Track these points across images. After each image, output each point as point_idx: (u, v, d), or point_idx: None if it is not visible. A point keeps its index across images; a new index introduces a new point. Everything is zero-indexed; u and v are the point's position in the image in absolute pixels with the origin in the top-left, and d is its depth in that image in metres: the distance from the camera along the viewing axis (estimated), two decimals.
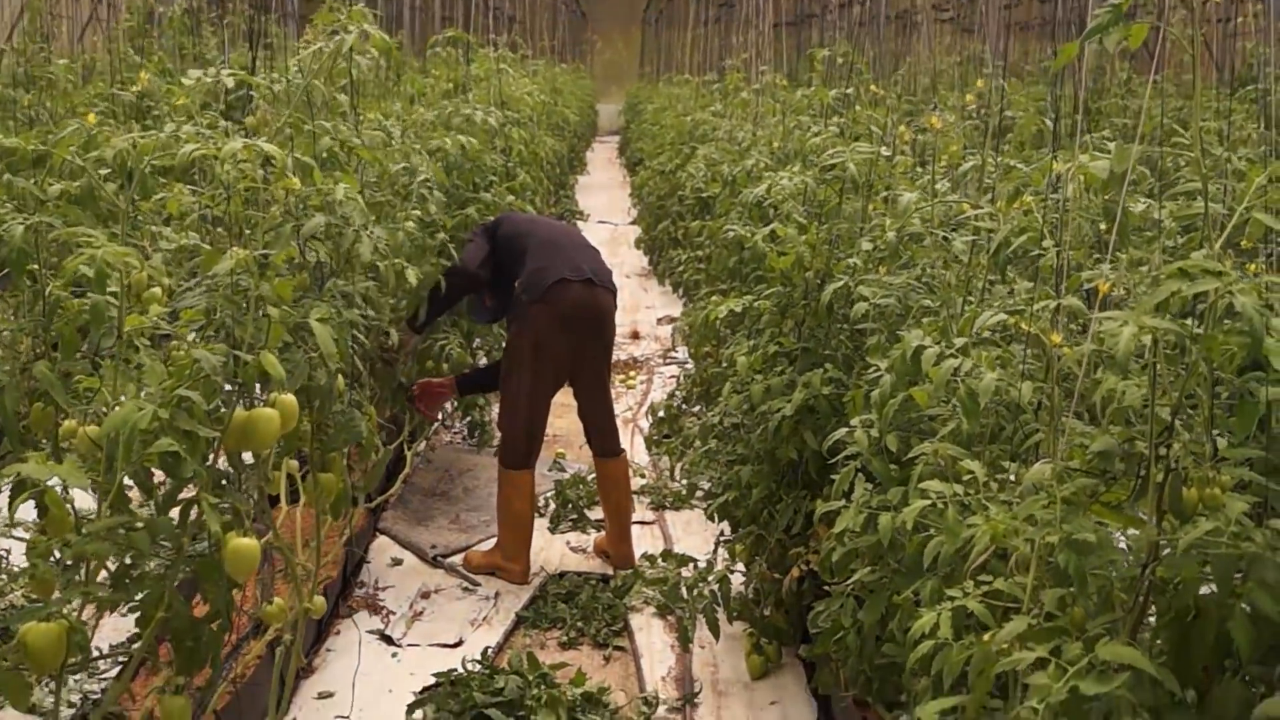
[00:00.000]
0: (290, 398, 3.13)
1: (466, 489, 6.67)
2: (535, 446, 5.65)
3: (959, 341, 3.05)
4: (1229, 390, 2.50)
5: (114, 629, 3.94)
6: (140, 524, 2.81)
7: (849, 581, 3.51)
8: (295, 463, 3.95)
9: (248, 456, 3.30)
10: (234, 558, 2.89)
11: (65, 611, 2.67)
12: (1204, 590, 2.20)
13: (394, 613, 5.23)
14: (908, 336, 3.19)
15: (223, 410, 3.04)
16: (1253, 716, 2.00)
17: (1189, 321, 2.24)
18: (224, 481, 3.10)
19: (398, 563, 5.74)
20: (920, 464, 3.06)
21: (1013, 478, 2.89)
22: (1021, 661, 2.13)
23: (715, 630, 4.66)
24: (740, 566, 4.82)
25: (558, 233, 5.93)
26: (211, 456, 3.06)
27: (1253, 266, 2.57)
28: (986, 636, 2.28)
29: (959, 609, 2.52)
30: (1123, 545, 2.44)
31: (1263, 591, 2.03)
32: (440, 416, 6.99)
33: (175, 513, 2.96)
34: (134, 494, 2.91)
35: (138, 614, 2.90)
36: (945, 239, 3.87)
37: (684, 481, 6.36)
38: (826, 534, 3.70)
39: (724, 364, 5.14)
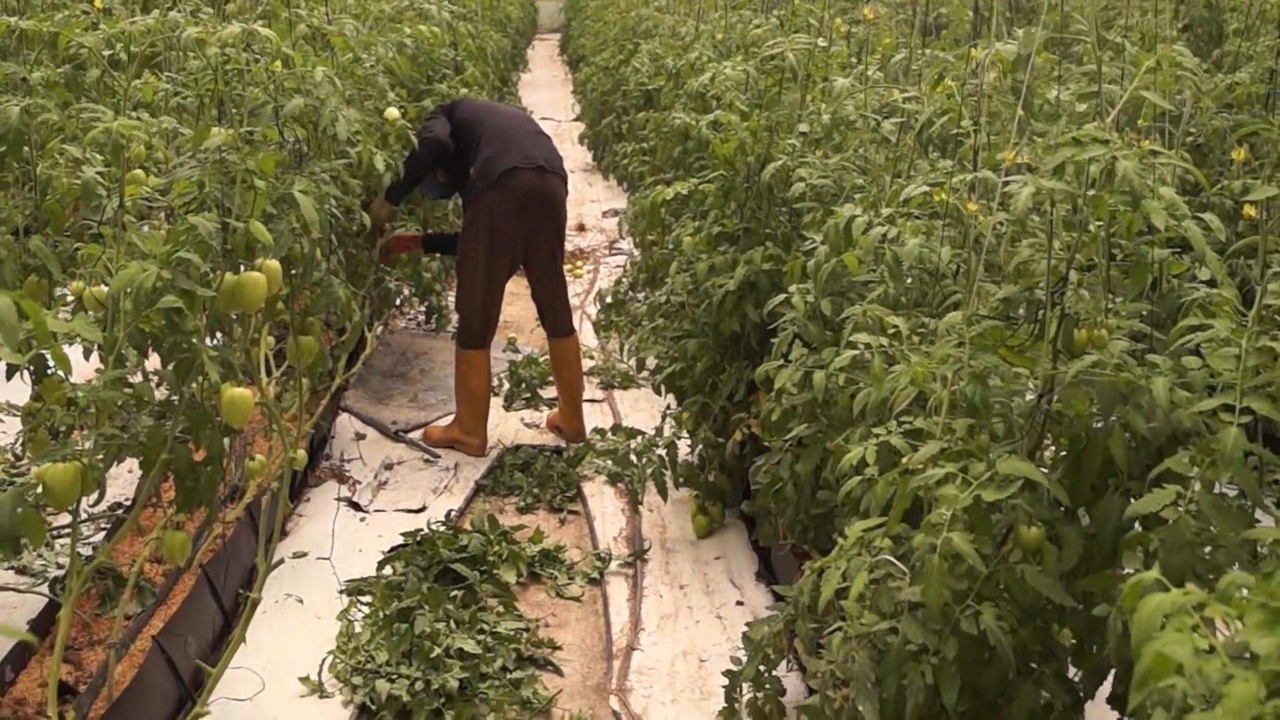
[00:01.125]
0: (275, 263, 3.40)
1: (423, 370, 6.95)
2: (491, 327, 5.94)
3: (886, 212, 3.36)
4: (1125, 254, 2.83)
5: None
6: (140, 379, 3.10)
7: (787, 439, 3.84)
8: (271, 339, 4.22)
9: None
10: (230, 405, 3.17)
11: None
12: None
13: (360, 482, 5.53)
14: (841, 210, 3.50)
15: (213, 275, 3.31)
16: (1125, 515, 2.34)
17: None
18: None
19: (361, 437, 6.02)
20: (850, 325, 3.38)
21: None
22: (934, 477, 2.46)
23: (664, 492, 4.98)
24: (686, 436, 5.14)
25: (510, 120, 6.13)
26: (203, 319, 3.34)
27: (1145, 142, 2.88)
28: (904, 460, 2.62)
29: (884, 444, 2.86)
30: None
31: (1137, 414, 2.37)
32: (398, 300, 7.26)
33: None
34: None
35: (140, 459, 3.19)
36: (876, 123, 4.17)
37: (631, 362, 6.67)
38: (766, 398, 4.03)
39: (670, 246, 5.42)
